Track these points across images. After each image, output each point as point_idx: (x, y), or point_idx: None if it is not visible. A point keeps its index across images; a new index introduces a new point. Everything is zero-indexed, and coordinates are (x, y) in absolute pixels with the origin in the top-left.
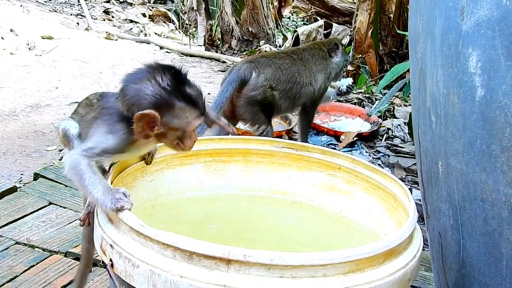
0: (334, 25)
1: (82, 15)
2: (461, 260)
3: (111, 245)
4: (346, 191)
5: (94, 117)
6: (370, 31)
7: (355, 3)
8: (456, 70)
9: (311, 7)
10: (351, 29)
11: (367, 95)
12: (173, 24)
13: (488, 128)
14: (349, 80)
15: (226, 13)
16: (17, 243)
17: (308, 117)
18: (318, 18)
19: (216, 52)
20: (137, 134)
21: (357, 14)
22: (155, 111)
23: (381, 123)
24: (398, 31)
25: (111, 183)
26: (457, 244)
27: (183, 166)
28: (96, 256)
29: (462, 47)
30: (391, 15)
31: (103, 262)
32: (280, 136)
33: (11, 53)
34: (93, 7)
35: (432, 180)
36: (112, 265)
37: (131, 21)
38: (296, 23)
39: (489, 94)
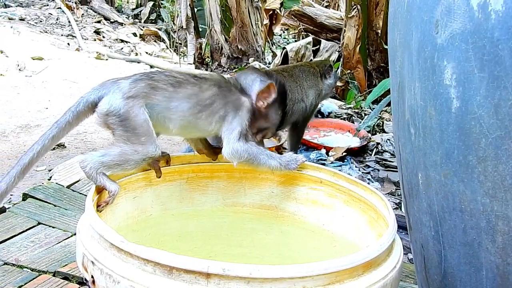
0: (323, 41)
1: (73, 36)
2: (443, 271)
3: (92, 262)
4: (328, 204)
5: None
6: (358, 46)
7: (343, 19)
8: (432, 82)
9: (299, 24)
10: (340, 45)
11: (356, 110)
12: (164, 43)
13: (464, 139)
14: (333, 107)
15: (215, 31)
16: (5, 263)
17: (298, 133)
18: (309, 34)
19: (206, 69)
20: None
21: (345, 30)
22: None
23: (370, 138)
24: (386, 46)
25: (93, 200)
26: (438, 255)
27: (165, 183)
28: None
29: (437, 59)
30: (379, 31)
31: (85, 279)
32: None
33: (1, 75)
34: (84, 27)
35: (413, 192)
36: (93, 282)
37: (122, 40)
38: (288, 40)
39: (464, 106)
